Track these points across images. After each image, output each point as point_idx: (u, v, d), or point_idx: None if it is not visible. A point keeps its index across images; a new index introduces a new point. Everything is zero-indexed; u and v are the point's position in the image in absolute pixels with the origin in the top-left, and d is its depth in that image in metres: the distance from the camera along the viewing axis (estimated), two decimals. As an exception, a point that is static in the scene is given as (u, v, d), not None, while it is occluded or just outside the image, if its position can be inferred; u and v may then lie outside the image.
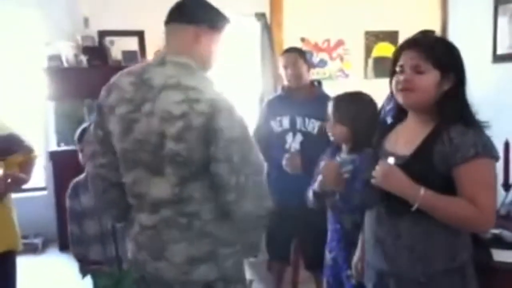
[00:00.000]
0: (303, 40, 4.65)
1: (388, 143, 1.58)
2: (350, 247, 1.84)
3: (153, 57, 1.51)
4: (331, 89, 2.83)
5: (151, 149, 1.37)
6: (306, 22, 4.59)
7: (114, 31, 4.26)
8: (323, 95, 2.71)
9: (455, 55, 1.46)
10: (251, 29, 4.48)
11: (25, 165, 2.25)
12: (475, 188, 1.36)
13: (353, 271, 1.80)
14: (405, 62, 1.45)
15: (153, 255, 1.45)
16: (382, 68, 4.70)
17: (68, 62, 4.09)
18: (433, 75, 1.42)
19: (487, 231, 1.61)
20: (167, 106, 1.33)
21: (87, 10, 4.18)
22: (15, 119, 2.46)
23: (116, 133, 1.43)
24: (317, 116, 2.57)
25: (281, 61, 2.73)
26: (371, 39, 4.85)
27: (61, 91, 4.08)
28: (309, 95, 2.68)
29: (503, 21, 4.10)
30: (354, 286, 1.87)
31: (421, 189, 1.37)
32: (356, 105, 1.91)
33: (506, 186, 2.18)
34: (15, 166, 2.20)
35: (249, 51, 4.55)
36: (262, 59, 4.47)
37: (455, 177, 1.39)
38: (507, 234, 1.88)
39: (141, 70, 1.44)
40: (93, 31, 4.24)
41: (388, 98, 2.43)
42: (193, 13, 1.44)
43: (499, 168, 1.67)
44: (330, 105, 1.97)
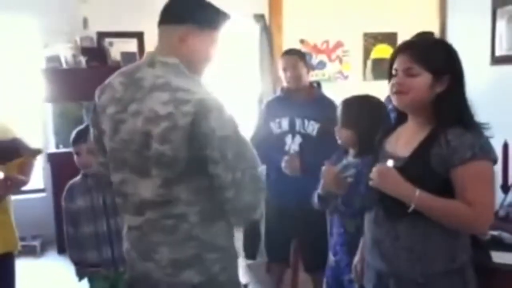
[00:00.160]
0: (302, 41, 4.66)
1: (388, 145, 1.59)
2: (353, 252, 1.83)
3: (144, 56, 1.49)
4: (330, 91, 2.83)
5: (136, 150, 1.37)
6: (305, 23, 4.60)
7: (113, 33, 4.26)
8: (322, 97, 2.72)
9: (450, 57, 1.47)
10: (250, 30, 4.48)
11: (24, 167, 2.25)
12: (472, 189, 1.36)
13: (353, 273, 1.80)
14: (399, 65, 1.48)
15: (142, 256, 1.45)
16: (380, 69, 4.70)
17: (66, 63, 4.08)
18: (425, 78, 1.43)
19: (483, 232, 1.61)
20: (153, 106, 1.33)
21: (86, 11, 4.18)
22: (14, 121, 2.45)
23: (107, 133, 1.46)
24: (316, 118, 2.58)
25: (280, 63, 2.73)
26: (370, 41, 4.85)
27: (59, 92, 4.06)
28: (308, 97, 2.69)
29: (501, 23, 4.11)
30: (355, 289, 1.87)
31: (417, 191, 1.38)
32: (361, 109, 1.91)
33: (504, 188, 2.18)
34: (14, 168, 2.20)
35: (248, 52, 4.55)
36: (261, 60, 4.48)
37: (452, 178, 1.40)
38: (506, 236, 1.89)
39: (133, 69, 1.45)
40: (92, 32, 4.24)
41: (387, 99, 2.44)
42: (177, 13, 1.43)
43: (498, 170, 1.68)
44: (338, 109, 1.97)
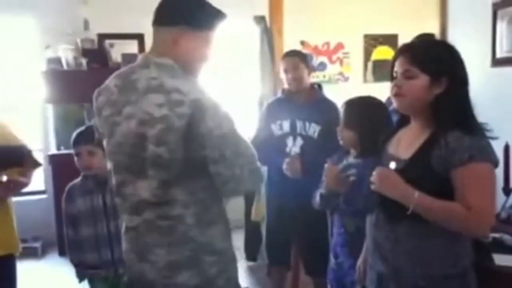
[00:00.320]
0: (303, 43, 4.66)
1: (391, 147, 1.59)
2: (355, 253, 1.83)
3: (139, 57, 1.49)
4: (331, 92, 2.83)
5: (132, 152, 1.38)
6: (306, 25, 4.60)
7: (114, 34, 4.27)
8: (323, 98, 2.71)
9: (449, 59, 1.47)
10: (251, 32, 4.48)
11: (25, 171, 2.26)
12: (470, 191, 1.36)
13: (356, 274, 1.80)
14: (398, 67, 1.49)
15: (138, 256, 1.45)
16: (381, 71, 4.71)
17: (67, 65, 4.08)
18: (422, 80, 1.43)
19: (482, 234, 1.61)
20: (148, 108, 1.33)
21: (87, 12, 4.18)
22: (15, 122, 2.47)
23: (104, 135, 1.47)
24: (317, 119, 2.57)
25: (282, 64, 2.72)
26: (371, 43, 4.86)
27: (60, 94, 4.07)
28: (310, 99, 2.68)
29: (501, 25, 4.11)
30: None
31: (416, 193, 1.38)
32: (363, 110, 1.91)
33: (506, 190, 2.18)
34: (15, 171, 2.21)
35: (248, 54, 4.55)
36: (261, 62, 4.47)
37: (452, 180, 1.39)
38: (508, 238, 1.88)
39: (129, 71, 1.45)
40: (92, 34, 4.25)
41: (386, 101, 2.43)
42: (170, 14, 1.42)
43: (499, 172, 1.67)
44: (341, 110, 1.98)
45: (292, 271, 3.00)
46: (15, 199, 2.33)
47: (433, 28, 4.67)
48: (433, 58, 1.45)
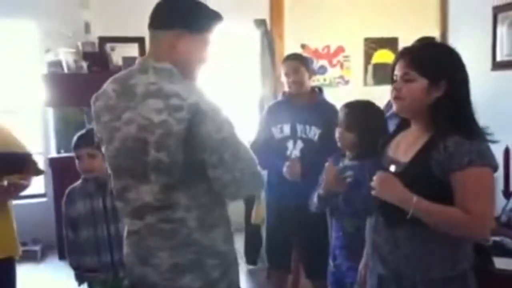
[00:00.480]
0: (303, 46, 4.67)
1: (391, 150, 1.60)
2: (353, 255, 1.83)
3: (136, 61, 1.48)
4: (331, 95, 2.83)
5: (133, 157, 1.38)
6: (306, 28, 4.61)
7: (114, 37, 4.27)
8: (324, 102, 2.71)
9: (449, 62, 1.47)
10: (251, 35, 4.49)
11: (26, 176, 2.26)
12: (469, 195, 1.36)
13: (357, 278, 1.80)
14: (397, 71, 1.50)
15: (140, 260, 1.45)
16: (381, 74, 4.71)
17: (68, 68, 4.09)
18: (420, 83, 1.44)
19: (481, 238, 1.61)
20: (147, 114, 1.33)
21: (88, 16, 4.19)
22: (16, 125, 2.47)
23: (103, 141, 1.46)
24: (317, 123, 2.57)
25: (282, 68, 2.72)
26: (371, 46, 4.86)
27: (61, 97, 4.07)
28: (310, 102, 2.68)
29: (502, 28, 4.11)
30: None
31: (414, 197, 1.39)
32: (365, 114, 1.94)
33: (506, 193, 2.18)
34: (17, 177, 2.21)
35: (249, 57, 4.56)
36: (262, 65, 4.48)
37: (451, 184, 1.39)
38: (508, 241, 1.88)
39: (126, 76, 1.44)
40: (93, 37, 4.25)
41: (387, 105, 2.44)
42: (166, 18, 1.41)
43: (499, 175, 1.67)
44: (340, 112, 1.99)
45: (292, 275, 3.00)
46: (15, 202, 2.33)
47: (434, 31, 4.68)
48: (432, 61, 1.46)
